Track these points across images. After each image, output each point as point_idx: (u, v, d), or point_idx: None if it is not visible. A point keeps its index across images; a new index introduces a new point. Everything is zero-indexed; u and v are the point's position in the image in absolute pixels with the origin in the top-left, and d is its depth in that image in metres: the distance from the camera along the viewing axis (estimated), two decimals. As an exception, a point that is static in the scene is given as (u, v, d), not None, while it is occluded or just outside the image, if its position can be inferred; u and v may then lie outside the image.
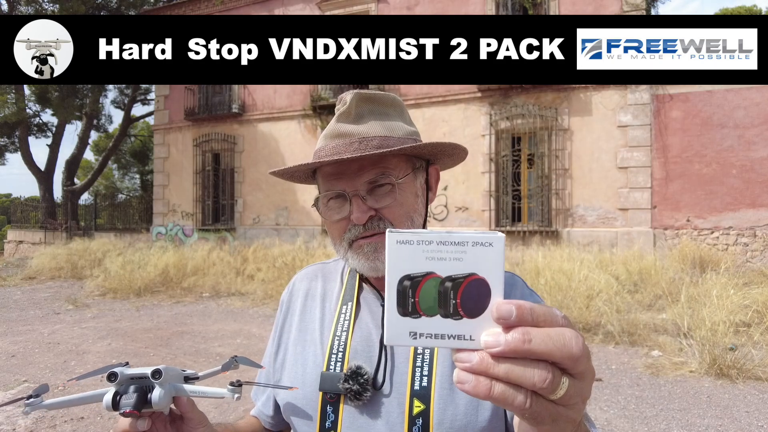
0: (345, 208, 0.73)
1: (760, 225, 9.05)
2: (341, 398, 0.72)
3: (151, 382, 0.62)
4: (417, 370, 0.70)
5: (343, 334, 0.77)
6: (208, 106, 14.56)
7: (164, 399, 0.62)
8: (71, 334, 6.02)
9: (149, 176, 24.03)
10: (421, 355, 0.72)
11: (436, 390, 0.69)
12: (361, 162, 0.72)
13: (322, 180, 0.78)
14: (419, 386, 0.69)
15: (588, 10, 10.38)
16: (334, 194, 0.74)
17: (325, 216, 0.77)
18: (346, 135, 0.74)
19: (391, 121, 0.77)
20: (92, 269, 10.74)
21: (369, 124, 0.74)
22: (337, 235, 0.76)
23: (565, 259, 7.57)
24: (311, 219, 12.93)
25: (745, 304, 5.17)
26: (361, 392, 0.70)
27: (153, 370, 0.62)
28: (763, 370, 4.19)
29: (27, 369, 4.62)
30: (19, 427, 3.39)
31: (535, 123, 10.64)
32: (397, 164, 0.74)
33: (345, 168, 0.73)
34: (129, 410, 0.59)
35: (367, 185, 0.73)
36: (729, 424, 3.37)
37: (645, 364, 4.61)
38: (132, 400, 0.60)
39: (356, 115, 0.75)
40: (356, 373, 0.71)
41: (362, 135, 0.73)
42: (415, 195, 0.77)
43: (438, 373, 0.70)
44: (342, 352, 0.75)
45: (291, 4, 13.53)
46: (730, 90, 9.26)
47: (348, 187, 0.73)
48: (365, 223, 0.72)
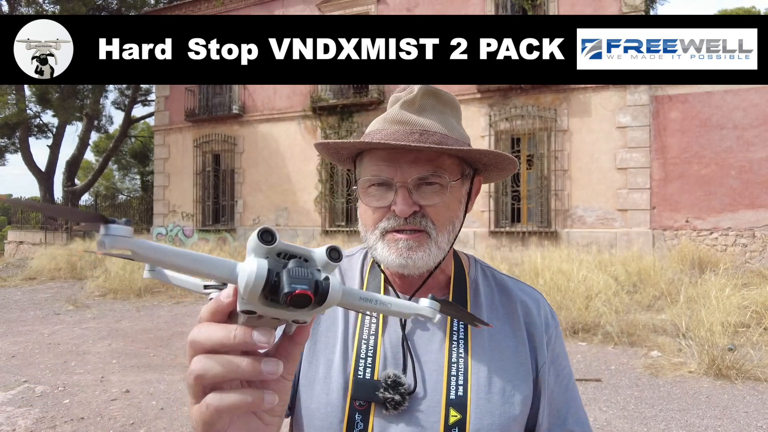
0: (387, 197, 0.71)
1: (758, 226, 9.05)
2: (372, 406, 0.68)
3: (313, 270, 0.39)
4: (452, 378, 0.69)
5: (370, 337, 0.74)
6: (209, 107, 14.56)
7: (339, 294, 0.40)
8: (71, 334, 6.02)
9: (149, 177, 24.03)
10: (455, 364, 0.70)
11: (473, 399, 0.68)
12: (418, 155, 0.70)
13: (370, 163, 0.74)
14: (455, 395, 0.68)
15: (588, 11, 10.40)
16: (379, 180, 0.71)
17: (363, 200, 0.74)
18: (409, 123, 0.71)
19: (449, 120, 0.76)
20: (92, 270, 10.73)
21: (431, 119, 0.73)
22: (371, 222, 0.73)
23: (564, 260, 7.57)
24: (311, 219, 12.94)
25: (743, 305, 5.17)
26: (401, 402, 0.67)
27: (330, 248, 0.41)
28: (761, 370, 4.19)
29: (27, 369, 4.61)
30: (19, 427, 3.38)
31: (534, 124, 10.64)
32: (451, 166, 0.73)
33: (399, 156, 0.70)
34: (302, 290, 0.36)
35: (417, 180, 0.70)
36: (728, 425, 3.37)
37: (644, 364, 4.61)
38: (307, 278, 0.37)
39: (420, 107, 0.73)
40: (396, 383, 0.68)
41: (424, 127, 0.71)
42: (459, 201, 0.75)
43: (473, 382, 0.69)
44: (372, 358, 0.72)
45: (291, 5, 13.54)
46: (729, 91, 9.27)
47: (397, 177, 0.70)
48: (407, 217, 0.70)
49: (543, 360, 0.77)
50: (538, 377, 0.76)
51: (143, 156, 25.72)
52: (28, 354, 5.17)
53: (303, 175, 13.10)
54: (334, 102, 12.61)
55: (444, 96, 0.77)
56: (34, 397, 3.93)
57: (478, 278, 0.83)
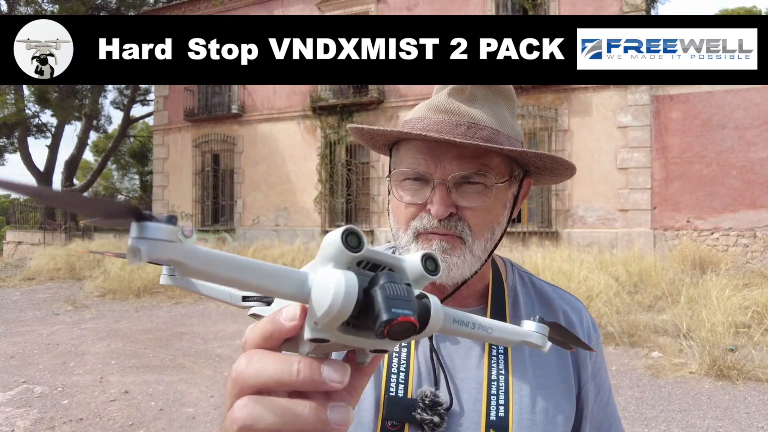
0: (423, 194, 0.64)
1: (760, 226, 9.05)
2: (405, 427, 0.62)
3: (404, 285, 0.30)
4: (492, 398, 0.64)
5: (402, 350, 0.66)
6: (208, 106, 14.56)
7: (441, 318, 0.32)
8: (70, 335, 6.01)
9: (148, 177, 24.01)
10: (495, 382, 0.65)
11: (515, 420, 0.63)
12: (462, 150, 0.63)
13: (407, 153, 0.67)
14: (495, 416, 0.63)
15: (588, 11, 10.40)
16: (416, 175, 0.64)
17: (395, 194, 0.67)
18: (456, 113, 0.64)
19: (502, 112, 0.68)
20: (91, 270, 10.73)
21: (482, 110, 0.65)
22: (404, 219, 0.67)
23: (564, 260, 7.57)
24: (311, 220, 12.94)
25: (745, 305, 5.17)
26: (440, 424, 0.61)
27: (426, 256, 0.33)
28: (763, 371, 4.19)
29: (26, 370, 4.61)
30: (18, 428, 3.38)
31: (535, 124, 10.64)
32: (498, 165, 0.65)
33: (441, 150, 0.63)
34: (406, 316, 0.27)
35: (459, 178, 0.63)
36: (729, 425, 3.37)
37: (645, 365, 4.60)
38: (412, 303, 0.28)
39: (471, 95, 0.66)
40: (435, 402, 0.62)
41: (473, 119, 0.64)
42: (503, 205, 0.68)
43: (515, 401, 0.65)
44: (405, 373, 0.65)
45: (291, 5, 13.54)
46: (730, 91, 9.27)
47: (436, 173, 0.63)
48: (442, 218, 0.63)
49: (586, 376, 0.73)
50: (580, 393, 0.72)
51: (142, 156, 25.71)
52: (26, 354, 5.16)
53: (303, 175, 13.10)
54: (334, 102, 12.61)
55: (499, 85, 0.70)
56: (33, 398, 3.93)
57: (516, 286, 0.77)
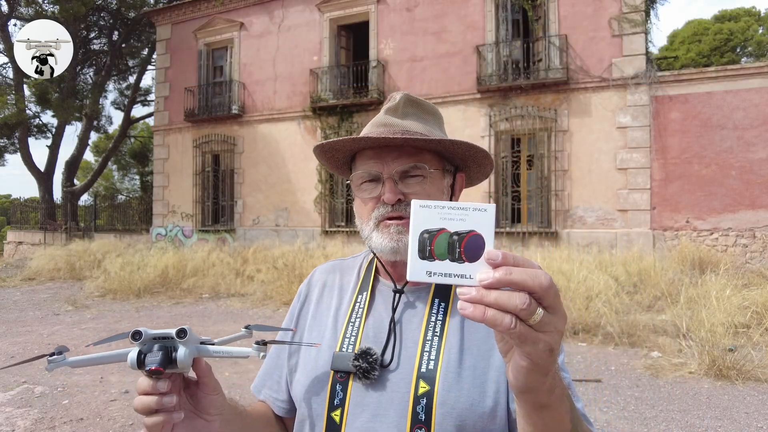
0: (377, 189, 0.81)
1: (759, 226, 9.06)
2: (350, 377, 0.76)
3: (175, 343, 0.63)
4: (425, 354, 0.75)
5: (357, 320, 0.83)
6: (208, 107, 14.55)
7: (188, 358, 0.62)
8: (71, 335, 6.02)
9: (149, 177, 24.02)
10: (430, 341, 0.76)
11: (442, 373, 0.73)
12: (401, 151, 0.80)
13: (360, 162, 0.85)
14: (426, 369, 0.74)
15: (588, 11, 10.40)
16: (369, 176, 0.82)
17: (357, 195, 0.84)
18: (392, 125, 0.81)
19: (430, 124, 0.87)
20: (92, 270, 10.73)
21: (413, 121, 0.83)
22: (366, 214, 0.83)
23: (564, 260, 7.58)
24: (311, 220, 12.94)
25: (744, 306, 5.17)
26: (369, 370, 0.75)
27: (178, 330, 0.63)
28: (762, 371, 4.19)
29: (26, 370, 4.61)
30: (19, 428, 3.38)
31: (534, 124, 10.65)
32: (431, 160, 0.82)
33: (385, 154, 0.81)
34: (155, 367, 0.59)
35: (401, 173, 0.80)
36: (728, 425, 3.37)
37: (644, 365, 4.61)
38: (158, 357, 0.60)
39: (402, 113, 0.84)
40: (365, 353, 0.76)
41: (407, 128, 0.81)
42: (441, 191, 0.84)
43: (444, 358, 0.74)
44: (354, 336, 0.80)
45: (291, 5, 13.55)
46: (730, 91, 9.28)
47: (384, 171, 0.80)
48: (394, 204, 0.79)
49: None
50: None
51: (143, 156, 25.71)
52: (27, 354, 5.16)
53: (303, 176, 13.10)
54: (334, 102, 12.60)
55: (425, 105, 0.88)
56: (34, 398, 3.93)
57: None
